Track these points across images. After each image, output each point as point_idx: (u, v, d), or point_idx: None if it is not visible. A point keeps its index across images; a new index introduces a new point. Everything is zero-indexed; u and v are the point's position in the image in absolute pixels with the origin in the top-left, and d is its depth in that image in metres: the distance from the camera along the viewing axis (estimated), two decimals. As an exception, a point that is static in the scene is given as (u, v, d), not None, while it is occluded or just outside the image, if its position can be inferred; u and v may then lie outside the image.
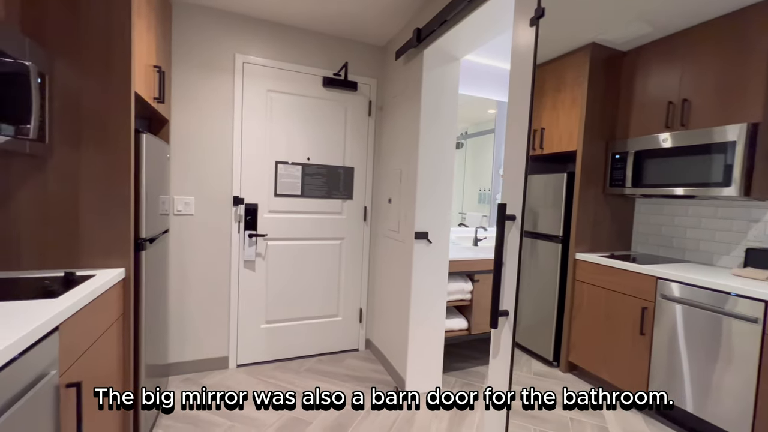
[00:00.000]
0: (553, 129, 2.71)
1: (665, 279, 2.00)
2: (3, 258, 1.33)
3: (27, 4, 1.29)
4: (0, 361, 0.74)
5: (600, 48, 2.44)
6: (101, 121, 1.41)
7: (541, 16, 1.12)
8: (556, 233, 2.63)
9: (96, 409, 1.22)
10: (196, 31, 2.22)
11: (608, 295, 2.29)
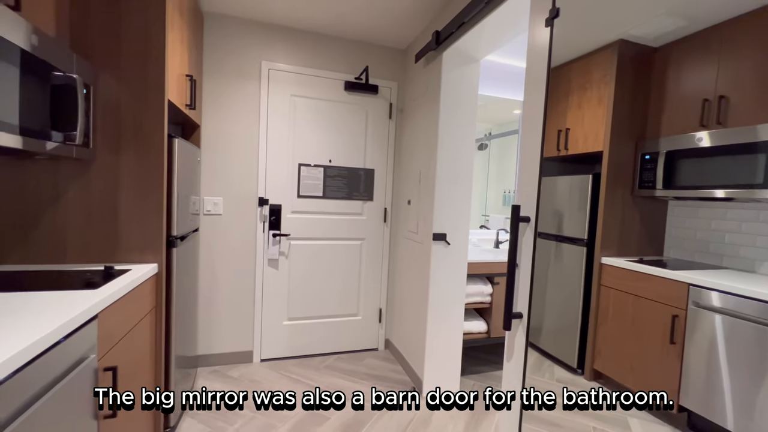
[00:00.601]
0: (578, 129, 2.63)
1: (698, 286, 1.90)
2: (52, 252, 1.47)
3: (75, 22, 1.42)
4: (47, 344, 0.82)
5: (628, 44, 2.35)
6: (138, 127, 1.53)
7: (555, 16, 1.11)
8: (580, 236, 2.55)
9: (134, 386, 1.32)
10: (225, 40, 2.34)
11: (636, 302, 2.20)
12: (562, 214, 2.75)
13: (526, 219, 1.24)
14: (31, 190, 1.44)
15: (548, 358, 2.81)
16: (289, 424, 1.89)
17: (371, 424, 1.92)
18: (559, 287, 2.75)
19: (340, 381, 2.36)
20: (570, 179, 2.66)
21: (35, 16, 1.21)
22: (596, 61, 2.49)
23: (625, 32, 2.28)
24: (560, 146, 2.78)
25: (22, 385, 0.76)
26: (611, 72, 2.37)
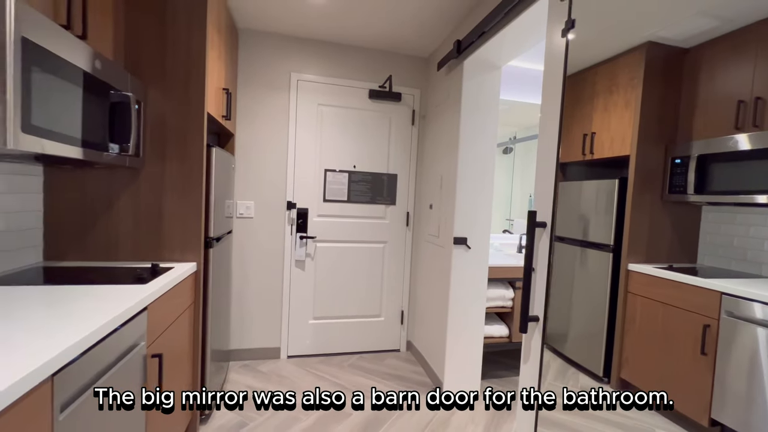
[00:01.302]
0: (604, 133, 2.59)
1: (731, 295, 1.83)
2: (107, 250, 1.64)
3: (129, 46, 1.59)
4: (108, 330, 0.95)
5: (657, 47, 2.30)
6: (181, 137, 1.68)
7: (571, 27, 1.15)
8: (606, 242, 2.51)
9: (175, 374, 1.46)
10: (258, 54, 2.50)
11: (665, 310, 2.13)
12: (587, 220, 2.71)
13: (542, 224, 1.27)
14: (89, 195, 1.61)
15: (573, 366, 2.76)
16: (313, 418, 1.98)
17: (391, 423, 1.98)
18: (584, 294, 2.70)
19: (362, 379, 2.43)
20: (596, 184, 2.62)
21: (98, 42, 1.37)
22: (623, 63, 2.45)
23: (653, 34, 2.23)
24: (585, 150, 2.74)
25: (90, 363, 0.89)
26: (639, 75, 2.33)
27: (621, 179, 2.44)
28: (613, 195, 2.48)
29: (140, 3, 1.59)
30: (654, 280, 2.21)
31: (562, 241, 2.98)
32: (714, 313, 1.89)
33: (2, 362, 0.69)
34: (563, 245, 2.96)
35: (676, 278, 2.08)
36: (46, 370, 0.72)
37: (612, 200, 2.48)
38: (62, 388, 0.79)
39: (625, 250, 2.39)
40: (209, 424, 1.89)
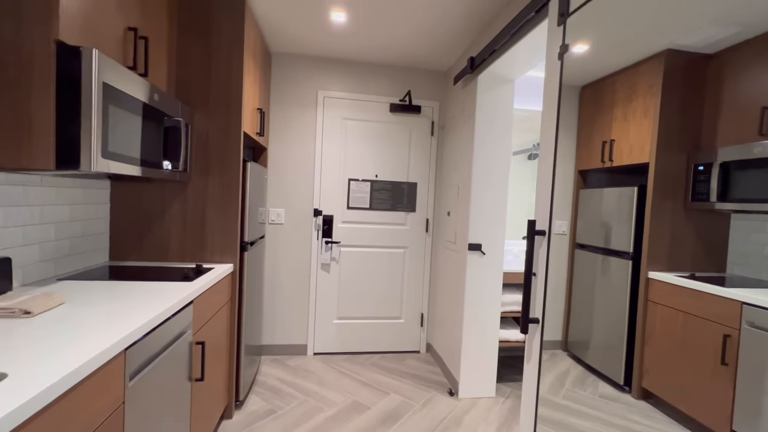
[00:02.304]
0: (623, 140, 2.59)
1: (752, 305, 1.80)
2: (160, 252, 1.90)
3: (180, 78, 1.85)
4: (166, 316, 1.16)
5: (677, 54, 2.30)
6: (221, 154, 1.92)
7: (565, 52, 1.24)
8: (626, 250, 2.50)
9: (214, 362, 1.67)
10: (288, 75, 2.74)
11: (685, 319, 2.11)
12: (608, 227, 2.71)
13: (542, 232, 1.37)
14: (146, 205, 1.89)
15: (593, 374, 2.75)
16: (335, 410, 2.15)
17: (407, 418, 2.10)
18: (605, 301, 2.70)
19: (382, 377, 2.57)
20: (615, 191, 2.62)
21: (155, 77, 1.63)
22: (642, 71, 2.46)
23: (671, 42, 2.24)
24: (605, 158, 2.75)
25: (152, 343, 1.10)
26: (657, 82, 2.33)
27: (640, 186, 2.44)
28: (632, 202, 2.48)
29: (189, 43, 1.85)
30: (674, 288, 2.20)
31: (583, 248, 2.98)
32: (734, 323, 1.87)
33: (88, 338, 0.91)
34: (584, 253, 2.96)
35: (695, 287, 2.06)
36: (121, 345, 0.93)
37: (631, 208, 2.48)
38: (132, 361, 1.00)
39: (645, 258, 2.38)
40: (242, 409, 2.10)
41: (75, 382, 0.76)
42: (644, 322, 2.40)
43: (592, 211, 2.91)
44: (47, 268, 1.46)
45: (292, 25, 2.29)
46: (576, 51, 2.45)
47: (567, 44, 1.23)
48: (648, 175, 2.44)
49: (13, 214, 1.29)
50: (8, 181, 1.27)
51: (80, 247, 1.65)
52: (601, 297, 2.76)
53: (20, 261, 1.33)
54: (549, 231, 1.33)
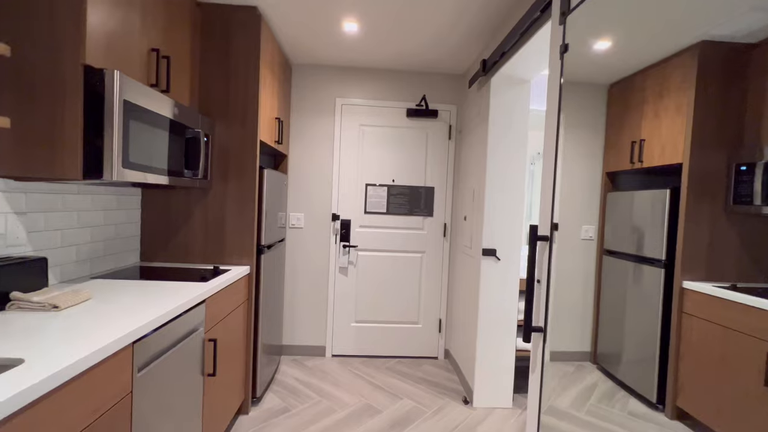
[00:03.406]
0: (654, 140, 2.42)
1: (800, 319, 1.62)
2: (184, 254, 2.04)
3: (201, 93, 1.99)
4: (175, 314, 1.25)
5: (713, 45, 2.12)
6: (239, 162, 2.03)
7: (565, 51, 1.20)
8: (658, 257, 2.33)
9: (229, 359, 1.77)
10: (308, 84, 2.85)
11: (724, 334, 1.93)
12: (639, 233, 2.54)
13: (544, 238, 1.32)
14: (172, 210, 2.03)
15: (624, 389, 2.57)
16: (347, 411, 2.18)
17: (417, 424, 2.09)
18: (637, 312, 2.52)
19: (397, 382, 2.57)
20: (646, 194, 2.46)
21: (177, 93, 1.77)
22: (674, 66, 2.29)
23: (706, 33, 2.08)
24: (634, 158, 2.58)
25: (161, 338, 1.19)
26: (691, 77, 2.16)
27: (673, 189, 2.27)
28: (664, 206, 2.31)
29: (210, 59, 1.99)
30: (712, 300, 2.02)
31: (613, 255, 2.81)
32: (780, 339, 1.68)
33: (102, 330, 1.00)
34: (614, 260, 2.79)
35: (737, 299, 1.88)
36: (128, 338, 1.02)
37: (663, 211, 2.32)
38: (140, 353, 1.09)
39: (679, 266, 2.21)
40: (259, 406, 2.19)
41: (80, 370, 0.84)
42: (678, 336, 2.21)
43: (621, 215, 2.74)
44: (83, 267, 1.62)
45: (307, 38, 2.38)
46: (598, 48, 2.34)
47: (567, 43, 1.19)
48: (681, 176, 2.26)
49: (52, 218, 1.45)
50: (49, 189, 1.43)
51: (113, 248, 1.81)
52: (633, 307, 2.58)
53: (58, 261, 1.49)
54: (551, 236, 1.28)
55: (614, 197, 2.83)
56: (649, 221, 2.45)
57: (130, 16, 1.42)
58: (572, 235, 2.96)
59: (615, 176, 2.91)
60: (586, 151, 2.92)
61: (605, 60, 2.55)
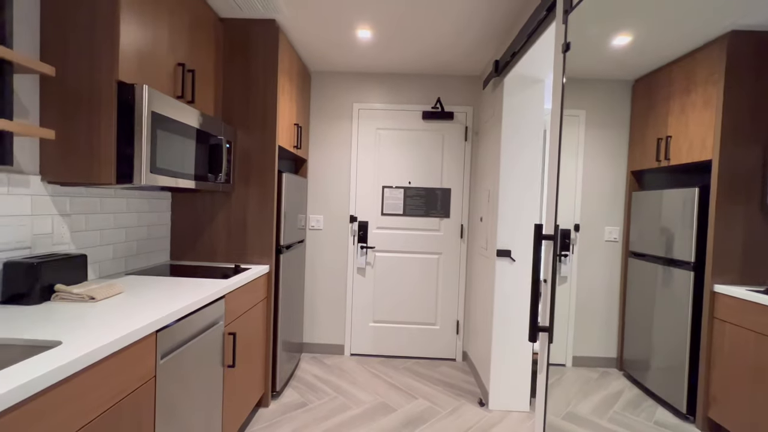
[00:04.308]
0: (682, 136, 2.31)
1: (843, 326, 1.49)
2: (210, 253, 2.18)
3: (224, 103, 2.13)
4: (196, 307, 1.36)
5: (743, 35, 2.01)
6: (260, 166, 2.15)
7: (566, 50, 1.20)
8: (687, 259, 2.22)
9: (249, 352, 1.87)
10: (326, 91, 2.95)
11: (759, 341, 1.81)
12: (668, 234, 2.43)
13: (548, 237, 1.31)
14: (199, 212, 2.18)
15: (651, 397, 2.45)
16: (362, 408, 2.23)
17: (431, 424, 2.10)
18: (665, 317, 2.41)
19: (413, 382, 2.59)
20: (674, 193, 2.35)
21: (202, 104, 1.91)
22: (701, 58, 2.19)
23: (734, 23, 1.97)
24: (660, 156, 2.47)
25: (183, 329, 1.30)
26: (720, 69, 2.06)
27: (702, 187, 2.16)
28: (692, 205, 2.20)
29: (232, 70, 2.12)
30: (746, 305, 1.90)
31: (640, 258, 2.70)
32: (820, 347, 1.56)
33: (130, 320, 1.11)
34: (641, 263, 2.68)
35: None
36: (151, 327, 1.12)
37: (692, 211, 2.21)
38: (163, 342, 1.19)
39: (709, 268, 2.10)
40: (278, 400, 2.29)
41: (109, 353, 0.95)
42: (709, 343, 2.09)
43: (647, 215, 2.63)
44: (119, 264, 1.78)
45: (323, 47, 2.47)
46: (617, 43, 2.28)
47: (569, 42, 1.19)
48: (711, 173, 2.14)
49: (92, 219, 1.61)
50: (89, 193, 1.59)
51: (146, 247, 1.97)
52: (661, 312, 2.46)
53: (97, 258, 1.64)
54: (556, 235, 1.27)
55: (640, 197, 2.72)
56: (677, 221, 2.34)
57: (159, 34, 1.56)
58: (596, 236, 2.86)
59: (640, 175, 2.80)
60: (609, 149, 2.83)
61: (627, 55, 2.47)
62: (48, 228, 1.41)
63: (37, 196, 1.36)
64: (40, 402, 0.78)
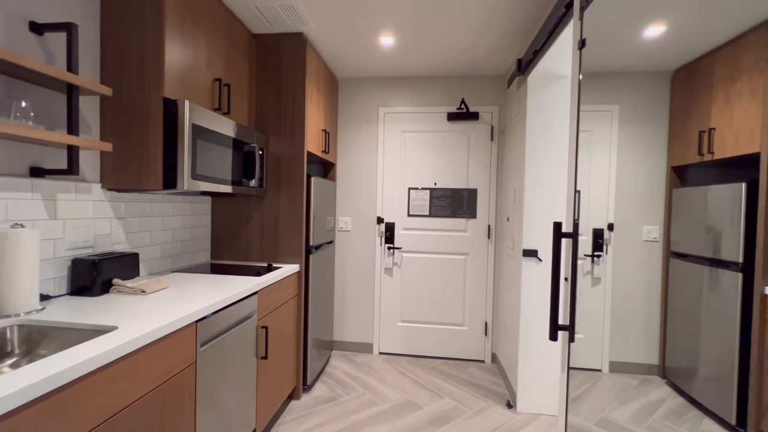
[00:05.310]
0: (726, 128, 2.16)
1: None
2: (243, 253, 2.34)
3: (258, 113, 2.28)
4: (232, 301, 1.48)
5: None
6: (290, 171, 2.28)
7: (582, 47, 1.20)
8: (734, 260, 2.07)
9: (281, 346, 1.99)
10: (353, 97, 3.05)
11: (818, 348, 1.66)
12: (714, 233, 2.27)
13: (568, 235, 1.30)
14: (235, 215, 2.34)
15: (696, 407, 2.30)
16: (389, 405, 2.28)
17: (456, 423, 2.11)
18: (713, 322, 2.26)
19: (440, 381, 2.61)
20: (721, 189, 2.20)
21: (237, 115, 2.06)
22: (746, 44, 2.04)
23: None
24: (703, 150, 2.33)
25: (219, 320, 1.42)
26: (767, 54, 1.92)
27: (750, 182, 2.02)
28: (739, 201, 2.06)
29: (264, 82, 2.27)
30: (802, 308, 1.75)
31: (683, 258, 2.54)
32: None
33: (174, 311, 1.24)
34: (685, 264, 2.53)
35: (831, 307, 1.61)
36: (192, 317, 1.25)
37: (739, 208, 2.06)
38: (202, 331, 1.32)
39: (759, 269, 1.95)
40: (309, 393, 2.39)
41: (156, 338, 1.07)
42: (761, 348, 1.94)
43: (691, 213, 2.48)
44: (166, 262, 1.97)
45: (348, 55, 2.57)
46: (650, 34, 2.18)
47: (584, 38, 1.18)
48: (760, 167, 1.99)
49: (144, 222, 1.80)
50: (140, 199, 1.78)
51: (189, 248, 2.16)
52: (708, 316, 2.30)
53: (147, 256, 1.83)
54: (575, 233, 1.26)
55: (682, 193, 2.56)
56: (723, 219, 2.19)
57: (198, 54, 1.72)
58: (632, 236, 2.74)
59: (682, 170, 2.63)
60: (645, 144, 2.69)
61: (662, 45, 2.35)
62: (107, 229, 1.60)
63: (97, 202, 1.55)
64: (103, 375, 0.91)
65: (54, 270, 1.38)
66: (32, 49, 1.28)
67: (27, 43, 1.26)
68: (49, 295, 1.36)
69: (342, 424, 2.07)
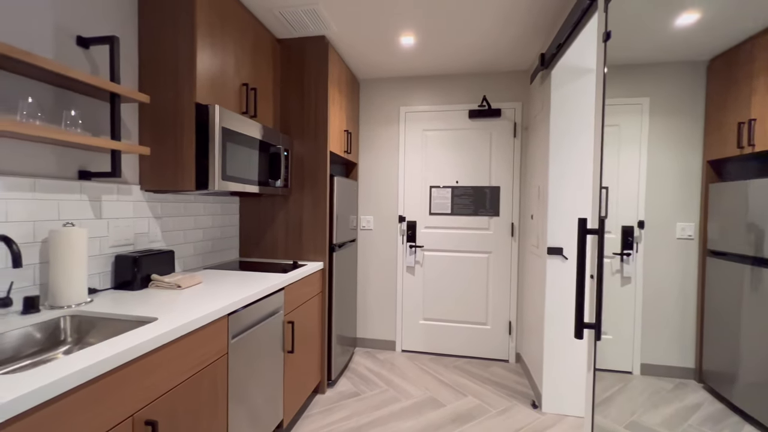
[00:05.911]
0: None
1: None
2: (269, 251, 2.42)
3: (282, 115, 2.36)
4: (260, 296, 1.55)
5: None
6: (313, 171, 2.34)
7: (607, 39, 1.17)
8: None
9: (306, 341, 2.05)
10: (374, 97, 3.09)
11: None
12: (757, 230, 2.16)
13: (594, 231, 1.28)
14: (261, 215, 2.43)
15: (738, 414, 2.18)
16: (411, 402, 2.30)
17: (479, 422, 2.10)
18: (756, 324, 2.14)
19: (463, 380, 2.60)
20: (763, 183, 2.08)
21: (263, 118, 2.14)
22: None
23: (831, -15, 1.71)
24: (743, 142, 2.20)
25: (249, 314, 1.49)
26: (814, 39, 1.79)
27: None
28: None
29: (288, 85, 2.34)
30: None
31: (722, 257, 2.42)
32: None
33: (208, 304, 1.32)
34: (724, 262, 2.41)
35: None
36: (224, 311, 1.31)
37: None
38: (233, 324, 1.39)
39: (806, 268, 1.83)
40: (334, 388, 2.45)
41: (193, 329, 1.14)
42: (809, 353, 1.82)
43: (730, 209, 2.35)
44: (198, 260, 2.07)
45: (369, 55, 2.61)
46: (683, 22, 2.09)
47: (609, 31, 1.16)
48: (806, 159, 1.87)
49: (178, 221, 1.90)
50: (175, 199, 1.88)
51: (219, 246, 2.26)
52: (750, 318, 2.18)
53: (182, 254, 1.94)
54: (601, 229, 1.24)
55: (720, 188, 2.43)
56: (766, 215, 2.07)
57: (227, 61, 1.80)
58: (665, 233, 2.63)
59: (719, 164, 2.50)
60: (678, 138, 2.58)
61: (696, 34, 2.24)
62: (145, 228, 1.70)
63: (137, 202, 1.66)
64: (147, 361, 0.98)
65: (99, 266, 1.49)
66: (79, 62, 1.38)
67: (74, 56, 1.37)
68: (96, 288, 1.46)
69: (366, 418, 2.11)
